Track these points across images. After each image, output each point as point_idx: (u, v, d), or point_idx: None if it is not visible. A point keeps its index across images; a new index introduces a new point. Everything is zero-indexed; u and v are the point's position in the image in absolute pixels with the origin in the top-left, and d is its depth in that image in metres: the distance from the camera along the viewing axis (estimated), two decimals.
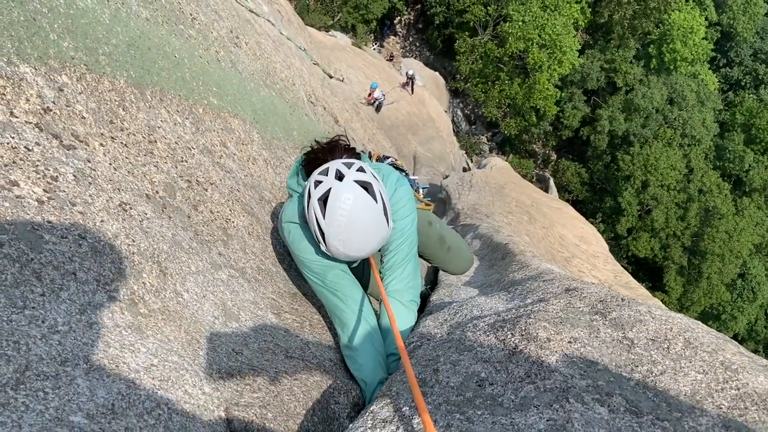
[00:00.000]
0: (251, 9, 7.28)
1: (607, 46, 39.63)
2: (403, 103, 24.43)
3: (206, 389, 1.32)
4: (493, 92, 36.54)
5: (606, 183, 39.11)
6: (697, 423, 1.07)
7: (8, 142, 1.43)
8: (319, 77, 9.40)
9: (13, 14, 1.88)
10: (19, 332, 1.04)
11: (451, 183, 14.60)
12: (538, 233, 9.97)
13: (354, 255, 2.01)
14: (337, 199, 1.88)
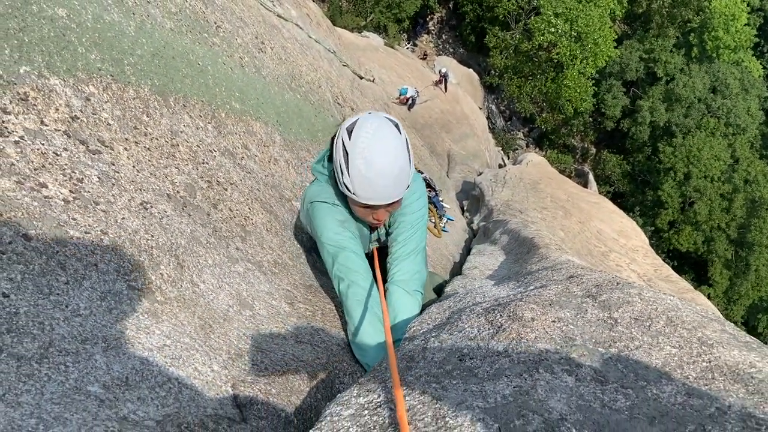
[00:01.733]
0: (279, 14, 7.47)
1: (645, 35, 38.76)
2: (437, 102, 24.44)
3: (215, 367, 1.45)
4: (527, 87, 36.16)
5: (647, 175, 38.25)
6: (661, 391, 1.13)
7: (38, 148, 1.58)
8: (348, 78, 9.54)
9: (44, 30, 2.05)
10: (44, 314, 1.17)
11: (485, 180, 14.53)
12: (574, 228, 9.88)
13: (379, 180, 2.01)
14: (365, 122, 2.02)
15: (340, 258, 2.22)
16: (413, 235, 2.37)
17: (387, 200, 2.09)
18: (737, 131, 35.68)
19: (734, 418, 1.06)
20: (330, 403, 1.19)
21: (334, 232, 2.24)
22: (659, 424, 1.04)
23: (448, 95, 26.20)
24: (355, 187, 2.04)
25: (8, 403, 0.98)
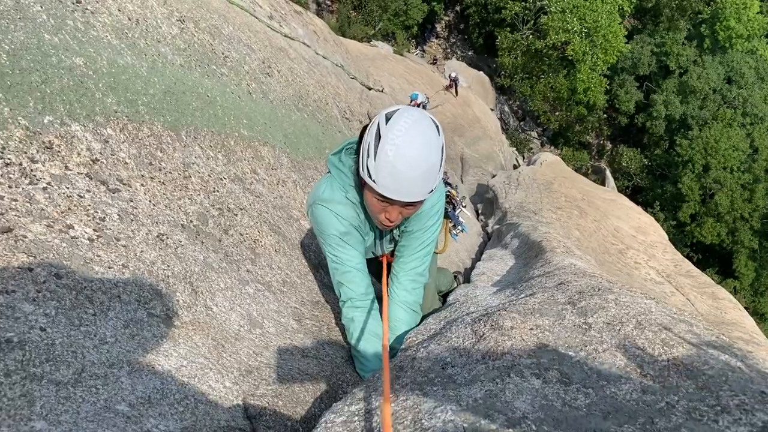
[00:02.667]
0: (286, 34, 7.68)
1: (656, 29, 38.51)
2: (448, 106, 24.57)
3: (227, 384, 1.61)
4: (539, 86, 36.15)
5: (666, 169, 37.90)
6: (618, 389, 1.27)
7: (64, 192, 1.77)
8: (357, 91, 9.73)
9: (64, 80, 2.25)
10: (76, 344, 1.35)
11: (498, 182, 14.57)
12: (590, 227, 9.90)
13: (407, 173, 1.87)
14: (406, 111, 1.92)
15: (342, 276, 2.24)
16: (422, 249, 2.34)
17: (406, 198, 1.94)
18: (755, 120, 35.20)
19: (680, 411, 1.19)
20: (325, 411, 1.35)
21: (337, 245, 2.22)
22: (612, 419, 1.17)
23: (459, 99, 26.30)
24: (378, 174, 1.89)
25: (51, 422, 1.16)
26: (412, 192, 1.92)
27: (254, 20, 6.32)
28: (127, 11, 3.10)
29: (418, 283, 2.39)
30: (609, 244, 9.82)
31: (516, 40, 36.75)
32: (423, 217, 2.24)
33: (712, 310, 8.23)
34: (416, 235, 2.28)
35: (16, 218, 1.54)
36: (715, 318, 7.39)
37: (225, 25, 4.54)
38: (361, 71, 11.52)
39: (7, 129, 1.80)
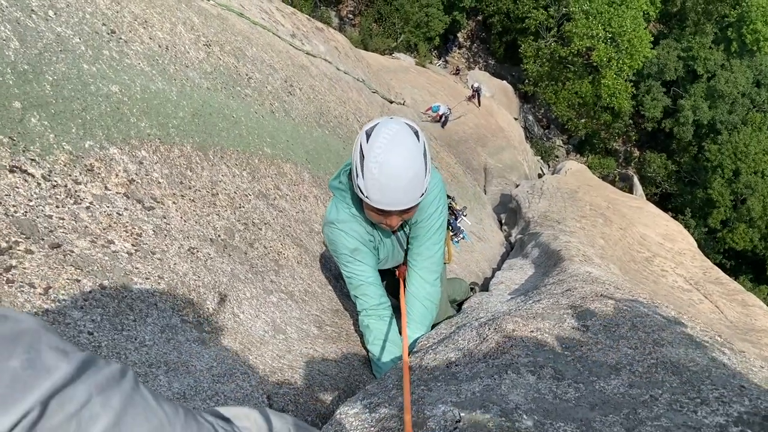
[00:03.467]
0: (308, 51, 7.91)
1: (682, 34, 38.05)
2: (471, 117, 24.65)
3: (252, 383, 1.76)
4: (563, 93, 35.99)
5: (695, 175, 37.28)
6: (607, 384, 1.38)
7: (105, 211, 1.95)
8: (378, 105, 9.92)
9: (102, 107, 2.45)
10: (120, 346, 1.52)
11: (522, 192, 14.57)
12: (615, 235, 9.87)
13: (390, 184, 1.97)
14: (383, 126, 2.00)
15: (356, 289, 2.40)
16: (432, 236, 2.41)
17: (398, 206, 2.05)
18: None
19: (663, 403, 1.31)
20: (340, 405, 1.49)
21: (350, 264, 2.38)
22: (599, 409, 1.29)
23: (482, 109, 26.36)
24: (368, 190, 2.01)
25: None
26: (403, 201, 2.04)
27: (277, 39, 6.55)
28: (158, 38, 3.31)
29: (434, 272, 2.47)
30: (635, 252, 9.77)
31: (540, 48, 36.73)
32: (425, 207, 2.34)
33: (741, 317, 8.13)
34: (423, 224, 2.38)
35: (64, 235, 1.72)
36: (745, 325, 7.32)
37: (249, 46, 4.76)
38: (382, 85, 11.72)
39: (53, 154, 1.99)
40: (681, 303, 7.88)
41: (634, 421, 1.24)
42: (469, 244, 7.17)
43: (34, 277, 1.52)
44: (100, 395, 0.54)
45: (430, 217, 2.36)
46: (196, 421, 0.66)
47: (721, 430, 1.20)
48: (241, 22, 5.98)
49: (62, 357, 0.52)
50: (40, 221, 1.70)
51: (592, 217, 10.98)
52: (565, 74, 36.44)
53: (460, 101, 24.94)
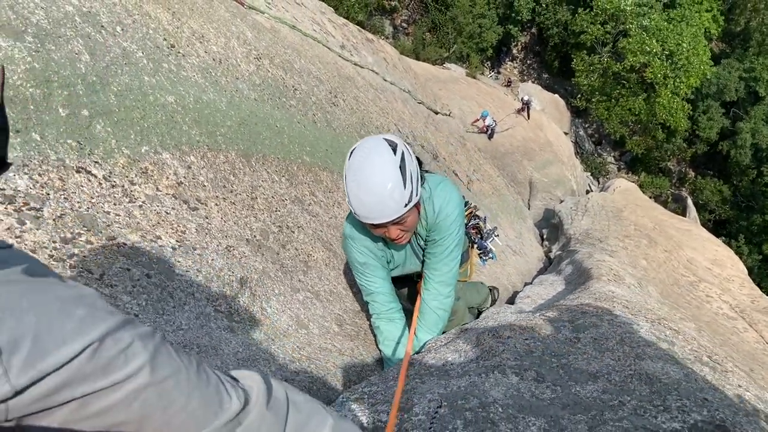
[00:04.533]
0: (356, 62, 8.19)
1: (745, 54, 36.83)
2: (519, 129, 24.55)
3: (273, 368, 1.97)
4: (616, 109, 35.35)
5: (753, 200, 35.94)
6: (583, 388, 1.54)
7: (155, 210, 2.21)
8: (423, 116, 10.10)
9: (158, 116, 2.73)
10: (160, 328, 1.76)
11: (565, 208, 14.48)
12: (659, 257, 9.75)
13: (367, 200, 2.07)
14: (361, 146, 2.11)
15: (367, 296, 2.62)
16: (448, 255, 2.49)
17: (383, 219, 2.12)
18: None
19: (629, 408, 1.46)
20: (345, 391, 1.68)
21: (361, 275, 2.57)
22: (569, 409, 1.45)
23: (531, 122, 26.21)
24: (354, 207, 2.13)
25: None
26: (386, 213, 2.10)
27: (326, 50, 6.84)
28: (212, 52, 3.60)
29: (449, 285, 2.56)
30: (679, 276, 9.63)
31: (593, 62, 36.24)
32: (442, 226, 2.41)
33: None
34: (439, 242, 2.44)
35: (119, 229, 1.98)
36: None
37: (297, 58, 5.04)
38: (428, 96, 11.92)
39: (114, 157, 2.27)
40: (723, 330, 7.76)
41: (599, 421, 1.39)
42: (503, 257, 7.26)
43: (92, 265, 1.78)
44: (140, 341, 0.74)
45: (447, 237, 2.43)
46: (206, 372, 0.86)
47: None
48: (293, 34, 6.29)
49: (113, 313, 0.74)
50: (99, 216, 1.96)
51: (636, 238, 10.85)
52: (618, 90, 35.80)
53: (509, 113, 24.86)
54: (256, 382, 0.96)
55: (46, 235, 1.74)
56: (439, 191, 2.39)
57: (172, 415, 0.79)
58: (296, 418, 0.99)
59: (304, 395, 1.08)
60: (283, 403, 0.99)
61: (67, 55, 2.43)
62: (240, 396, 0.90)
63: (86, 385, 0.67)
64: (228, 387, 0.89)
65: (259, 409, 0.92)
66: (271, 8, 6.40)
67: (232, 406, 0.87)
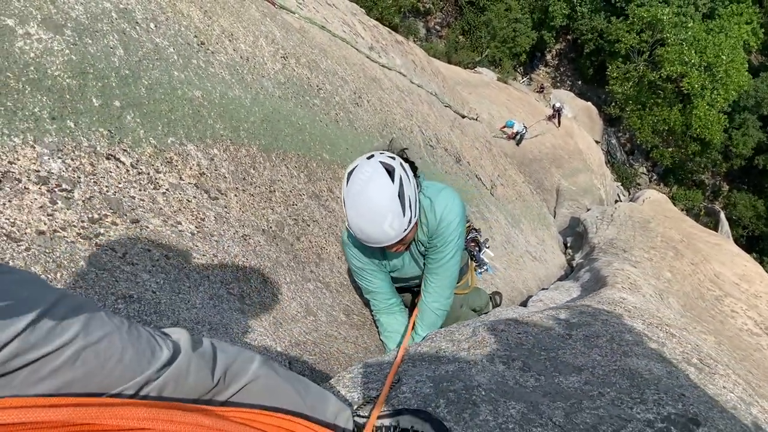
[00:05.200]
0: (383, 64, 8.30)
1: None
2: (548, 136, 24.41)
3: (278, 349, 2.09)
4: (649, 118, 34.81)
5: None
6: (566, 379, 1.62)
7: (177, 197, 2.36)
8: (449, 119, 10.16)
9: (185, 109, 2.88)
10: (175, 305, 1.89)
11: (590, 217, 14.38)
12: (685, 270, 9.66)
13: (366, 229, 2.11)
14: (359, 171, 2.10)
15: (367, 294, 2.72)
16: (448, 261, 2.52)
17: (381, 244, 2.18)
18: None
19: (607, 399, 1.54)
20: (342, 371, 1.79)
21: (359, 278, 2.67)
22: (549, 397, 1.53)
23: (561, 129, 26.00)
24: (353, 230, 2.18)
25: None
26: (384, 240, 2.16)
27: (353, 52, 6.97)
28: (240, 50, 3.75)
29: (448, 288, 2.61)
30: (705, 290, 9.52)
31: (628, 71, 35.79)
32: (444, 233, 2.43)
33: None
34: (441, 248, 2.47)
35: (143, 213, 2.12)
36: None
37: (324, 59, 5.17)
38: (456, 99, 11.97)
39: (141, 146, 2.41)
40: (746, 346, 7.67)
41: (576, 408, 1.47)
42: (521, 262, 7.30)
43: (116, 244, 1.92)
44: (73, 312, 0.90)
45: (448, 244, 2.46)
46: (137, 330, 1.03)
47: (648, 424, 1.42)
48: (322, 34, 6.44)
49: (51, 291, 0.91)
50: (125, 200, 2.11)
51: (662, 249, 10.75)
52: (653, 100, 35.26)
53: (539, 120, 24.72)
54: (183, 334, 1.15)
55: (75, 215, 1.88)
56: (441, 199, 2.42)
57: (110, 369, 0.95)
58: (223, 358, 1.19)
59: (235, 347, 1.28)
60: (209, 348, 1.18)
61: (103, 49, 2.59)
62: (170, 347, 1.07)
63: (34, 352, 0.83)
64: (159, 340, 1.06)
65: (186, 354, 1.09)
66: (302, 8, 6.56)
67: (163, 355, 1.04)
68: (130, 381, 0.98)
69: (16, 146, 1.89)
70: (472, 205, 7.01)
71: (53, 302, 0.88)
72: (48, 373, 0.86)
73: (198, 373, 1.11)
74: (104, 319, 0.97)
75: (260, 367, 1.27)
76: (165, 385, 1.04)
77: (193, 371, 1.10)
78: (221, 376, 1.16)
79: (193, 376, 1.10)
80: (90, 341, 0.91)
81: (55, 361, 0.87)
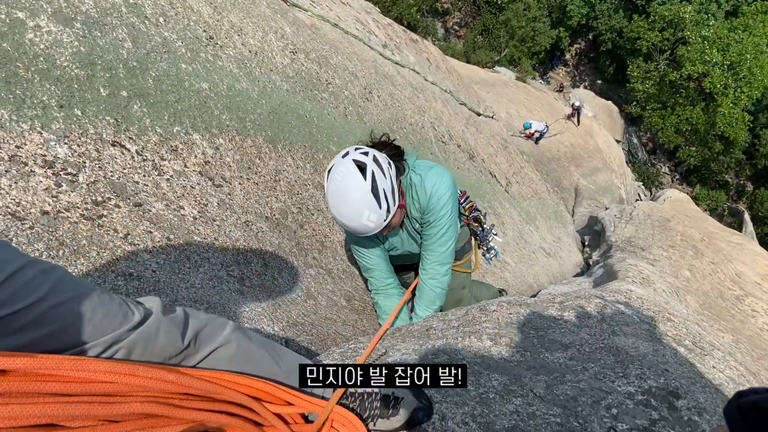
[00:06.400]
0: (397, 61, 8.33)
1: None
2: (567, 135, 24.20)
3: (275, 328, 2.14)
4: (672, 118, 34.31)
5: None
6: (551, 355, 1.64)
7: (181, 184, 2.42)
8: (464, 116, 10.16)
9: (192, 100, 2.95)
10: (174, 284, 1.95)
11: (608, 215, 14.25)
12: (705, 269, 9.54)
13: (347, 224, 2.21)
14: (334, 171, 2.17)
15: (366, 272, 2.73)
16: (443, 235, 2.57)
17: (365, 234, 2.28)
18: None
19: (590, 373, 1.56)
20: (333, 347, 1.84)
21: (357, 253, 2.69)
22: (533, 371, 1.56)
23: (580, 128, 25.77)
24: (339, 224, 2.28)
25: None
26: (366, 231, 2.24)
27: (366, 49, 7.01)
28: (249, 45, 3.82)
29: (445, 264, 2.62)
30: (725, 289, 9.40)
31: (649, 70, 35.34)
32: (435, 208, 2.50)
33: None
34: (433, 224, 2.54)
35: (146, 197, 2.19)
36: None
37: (334, 55, 5.22)
38: (471, 97, 11.96)
39: (147, 135, 2.49)
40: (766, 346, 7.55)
41: (558, 381, 1.50)
42: (533, 257, 7.28)
43: (119, 225, 1.99)
44: (41, 274, 0.96)
45: (441, 218, 2.52)
46: (110, 296, 1.09)
47: (628, 396, 1.44)
48: (334, 31, 6.49)
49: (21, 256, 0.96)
50: (129, 185, 2.18)
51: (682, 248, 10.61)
52: (675, 98, 34.75)
53: (558, 119, 24.53)
54: (155, 302, 1.21)
55: (80, 197, 1.95)
56: (431, 175, 2.49)
57: (80, 326, 1.01)
58: (195, 323, 1.25)
59: (209, 314, 1.34)
60: (180, 313, 1.24)
61: (112, 41, 2.67)
62: (141, 311, 1.13)
63: (7, 307, 0.90)
64: (131, 305, 1.13)
65: (156, 317, 1.15)
66: (315, 6, 6.63)
67: (134, 317, 1.10)
68: (99, 339, 1.03)
69: (24, 132, 1.97)
70: (485, 200, 7.01)
71: (23, 265, 0.94)
72: (19, 327, 0.93)
73: (168, 335, 1.16)
74: (74, 281, 1.03)
75: (232, 332, 1.32)
76: (134, 345, 1.10)
77: (162, 332, 1.15)
78: (192, 339, 1.21)
79: (163, 337, 1.15)
80: (58, 300, 0.97)
81: (27, 317, 0.93)
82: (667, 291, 5.75)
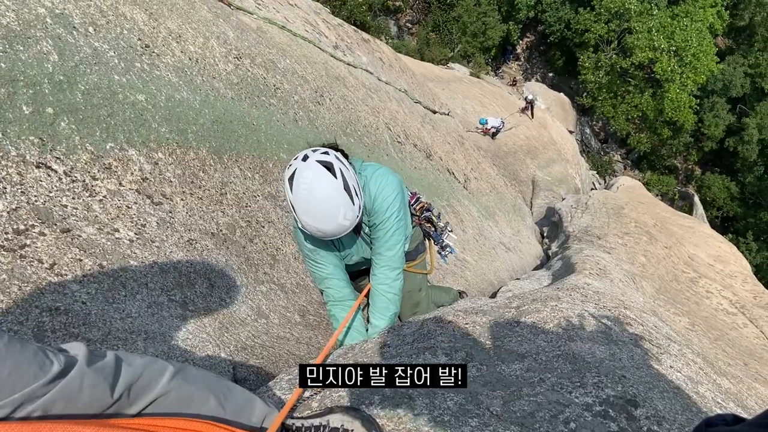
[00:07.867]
0: (349, 62, 8.22)
1: (750, 50, 36.56)
2: (522, 128, 24.50)
3: (222, 355, 2.03)
4: (623, 107, 35.16)
5: (760, 197, 35.64)
6: (508, 367, 1.58)
7: (116, 204, 2.28)
8: (419, 115, 10.13)
9: (127, 114, 2.80)
10: (107, 316, 1.82)
11: (565, 206, 14.46)
12: (659, 253, 9.74)
13: (322, 227, 2.14)
14: (300, 175, 2.09)
15: (320, 283, 2.58)
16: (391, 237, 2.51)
17: (339, 236, 2.24)
18: None
19: (547, 384, 1.50)
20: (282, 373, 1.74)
21: (312, 263, 2.56)
22: (489, 386, 1.50)
23: (534, 121, 26.13)
24: (309, 231, 2.19)
25: None
26: (339, 231, 2.19)
27: (316, 51, 6.89)
28: (189, 52, 3.67)
29: (395, 269, 2.55)
30: (679, 272, 9.62)
31: (599, 59, 36.09)
32: (380, 210, 2.46)
33: None
34: (380, 226, 2.49)
35: (75, 222, 2.05)
36: None
37: (282, 58, 5.10)
38: (426, 95, 11.94)
39: (77, 153, 2.33)
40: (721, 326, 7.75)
41: (515, 396, 1.44)
42: (493, 253, 7.29)
43: (43, 255, 1.84)
44: None
45: (387, 220, 2.48)
46: (20, 344, 0.95)
47: (586, 408, 1.39)
48: (282, 34, 6.35)
49: None
50: (56, 210, 2.03)
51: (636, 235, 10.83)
52: (625, 87, 35.62)
53: (513, 113, 24.82)
54: (81, 349, 1.08)
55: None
56: (376, 177, 2.46)
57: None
58: (128, 373, 1.12)
59: (146, 357, 1.21)
60: (111, 362, 1.11)
61: (35, 55, 2.50)
62: (61, 361, 1.00)
63: None
64: (50, 354, 0.99)
65: (79, 368, 1.02)
66: (261, 9, 6.47)
67: (53, 368, 0.97)
68: (6, 398, 0.91)
69: None
70: (443, 199, 6.98)
71: None
72: None
73: (93, 389, 1.04)
74: None
75: (171, 380, 1.19)
76: (52, 404, 0.97)
77: (87, 387, 1.02)
78: (124, 392, 1.09)
79: (87, 393, 1.03)
80: None
81: None
82: (623, 280, 5.83)
